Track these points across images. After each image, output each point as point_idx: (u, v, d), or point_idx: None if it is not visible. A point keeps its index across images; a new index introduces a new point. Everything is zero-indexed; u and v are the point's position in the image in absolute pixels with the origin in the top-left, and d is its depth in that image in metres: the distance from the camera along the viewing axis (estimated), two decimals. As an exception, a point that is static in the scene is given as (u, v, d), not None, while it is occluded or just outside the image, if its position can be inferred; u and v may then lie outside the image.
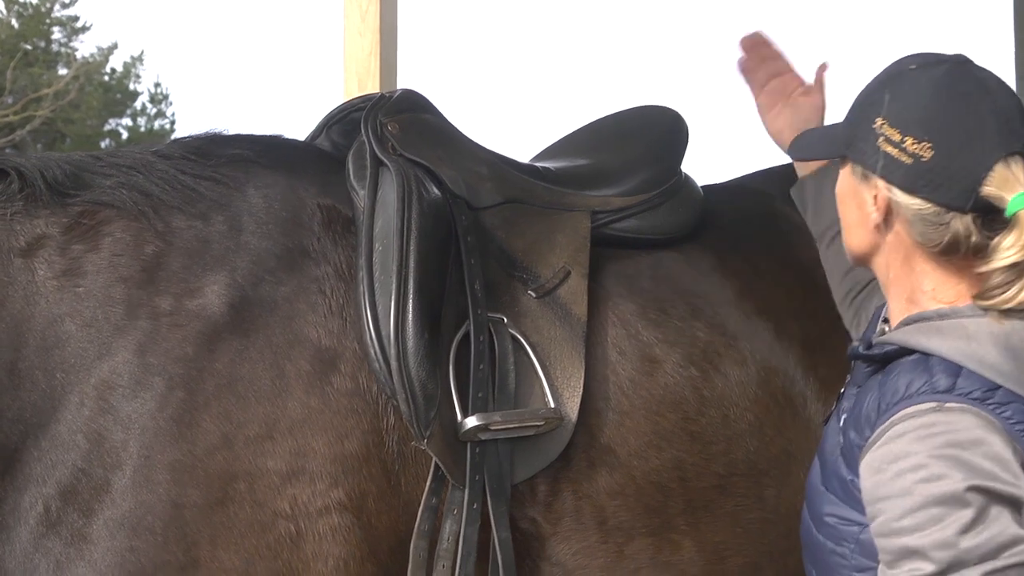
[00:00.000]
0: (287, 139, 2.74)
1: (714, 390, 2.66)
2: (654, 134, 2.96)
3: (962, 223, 1.95)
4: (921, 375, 1.92)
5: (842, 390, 2.20)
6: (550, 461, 2.47)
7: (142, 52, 42.70)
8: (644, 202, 2.81)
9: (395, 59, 4.05)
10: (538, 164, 2.88)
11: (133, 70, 35.39)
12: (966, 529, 1.79)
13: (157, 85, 37.71)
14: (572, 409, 2.48)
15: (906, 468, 1.85)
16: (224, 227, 2.41)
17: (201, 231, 2.39)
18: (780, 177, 3.18)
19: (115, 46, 35.45)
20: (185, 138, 2.57)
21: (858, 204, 2.07)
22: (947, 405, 1.88)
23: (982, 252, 1.95)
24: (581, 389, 2.50)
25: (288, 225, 2.45)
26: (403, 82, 4.08)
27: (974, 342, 1.93)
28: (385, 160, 2.55)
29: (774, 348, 2.75)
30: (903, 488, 1.85)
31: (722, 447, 2.64)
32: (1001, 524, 1.80)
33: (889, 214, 2.03)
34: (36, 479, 2.23)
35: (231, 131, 2.61)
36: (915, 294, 2.05)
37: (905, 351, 2.00)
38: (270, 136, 2.72)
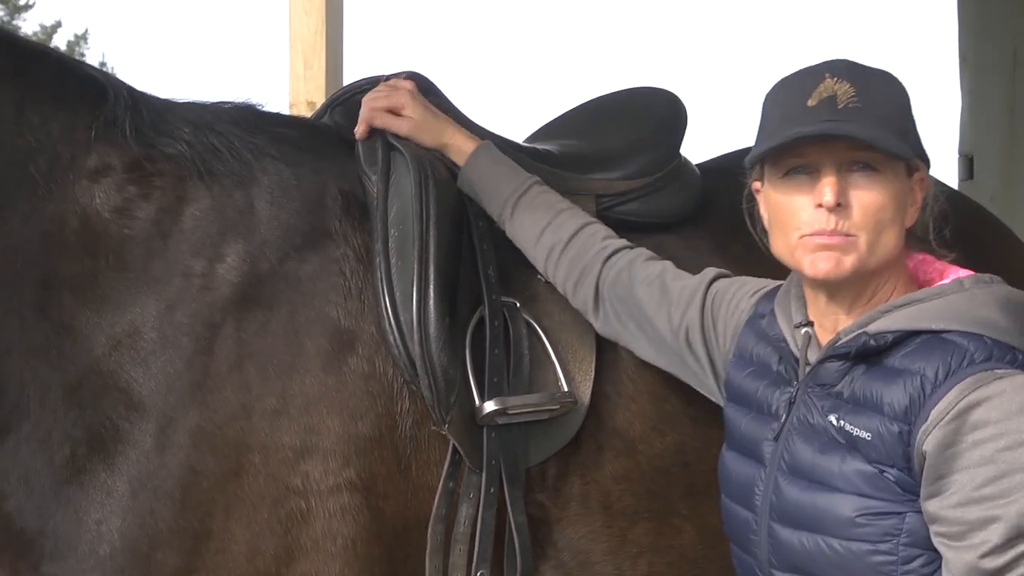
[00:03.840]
0: (317, 123, 2.73)
1: None
2: (654, 117, 2.95)
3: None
4: (954, 352, 1.94)
5: (789, 397, 2.13)
6: (563, 445, 2.48)
7: (86, 30, 42.36)
8: (646, 186, 2.81)
9: (341, 38, 4.03)
10: (538, 146, 2.87)
11: (78, 48, 34.94)
12: None
13: (103, 64, 37.20)
14: (584, 393, 2.50)
15: (984, 438, 1.87)
16: (260, 201, 2.42)
17: (240, 202, 2.40)
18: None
19: (59, 24, 35.03)
20: (230, 104, 2.57)
21: (901, 203, 2.07)
22: (998, 372, 1.91)
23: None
24: (593, 373, 2.51)
25: (314, 206, 2.46)
26: (349, 61, 4.07)
27: (980, 312, 1.98)
28: (397, 145, 2.53)
29: None
30: (984, 457, 1.87)
31: (720, 431, 2.65)
32: None
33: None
34: (66, 417, 2.22)
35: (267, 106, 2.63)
36: (894, 283, 2.10)
37: (904, 335, 2.01)
38: (304, 119, 2.73)
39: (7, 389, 2.21)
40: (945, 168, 6.77)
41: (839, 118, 2.00)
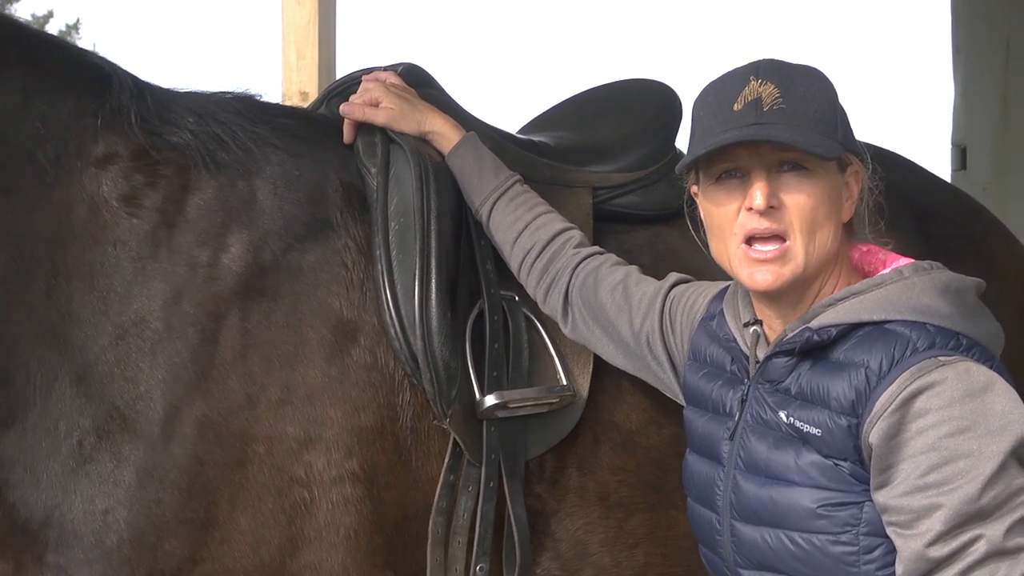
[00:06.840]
0: (319, 114, 2.73)
1: None
2: (650, 109, 2.97)
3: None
4: (896, 342, 1.95)
5: (741, 395, 2.15)
6: (562, 438, 2.50)
7: (78, 20, 41.85)
8: (642, 179, 2.82)
9: (334, 28, 4.03)
10: (534, 138, 2.88)
11: (69, 39, 34.82)
12: (992, 480, 1.84)
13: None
14: (583, 386, 2.51)
15: (927, 425, 1.89)
16: (263, 191, 2.43)
17: (244, 191, 2.41)
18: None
19: (50, 14, 34.80)
20: (231, 94, 2.57)
21: (835, 199, 2.07)
22: (941, 359, 1.92)
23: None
24: (591, 366, 2.53)
25: (316, 196, 2.47)
26: (342, 51, 4.07)
27: (921, 300, 1.99)
28: (396, 138, 2.54)
29: None
30: (927, 445, 1.88)
31: None
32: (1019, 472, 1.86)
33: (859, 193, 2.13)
34: (72, 406, 2.24)
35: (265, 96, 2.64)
36: (837, 277, 2.10)
37: (848, 328, 2.02)
38: (303, 109, 2.74)
39: (14, 378, 2.22)
40: (938, 158, 6.79)
41: (764, 120, 2.01)
